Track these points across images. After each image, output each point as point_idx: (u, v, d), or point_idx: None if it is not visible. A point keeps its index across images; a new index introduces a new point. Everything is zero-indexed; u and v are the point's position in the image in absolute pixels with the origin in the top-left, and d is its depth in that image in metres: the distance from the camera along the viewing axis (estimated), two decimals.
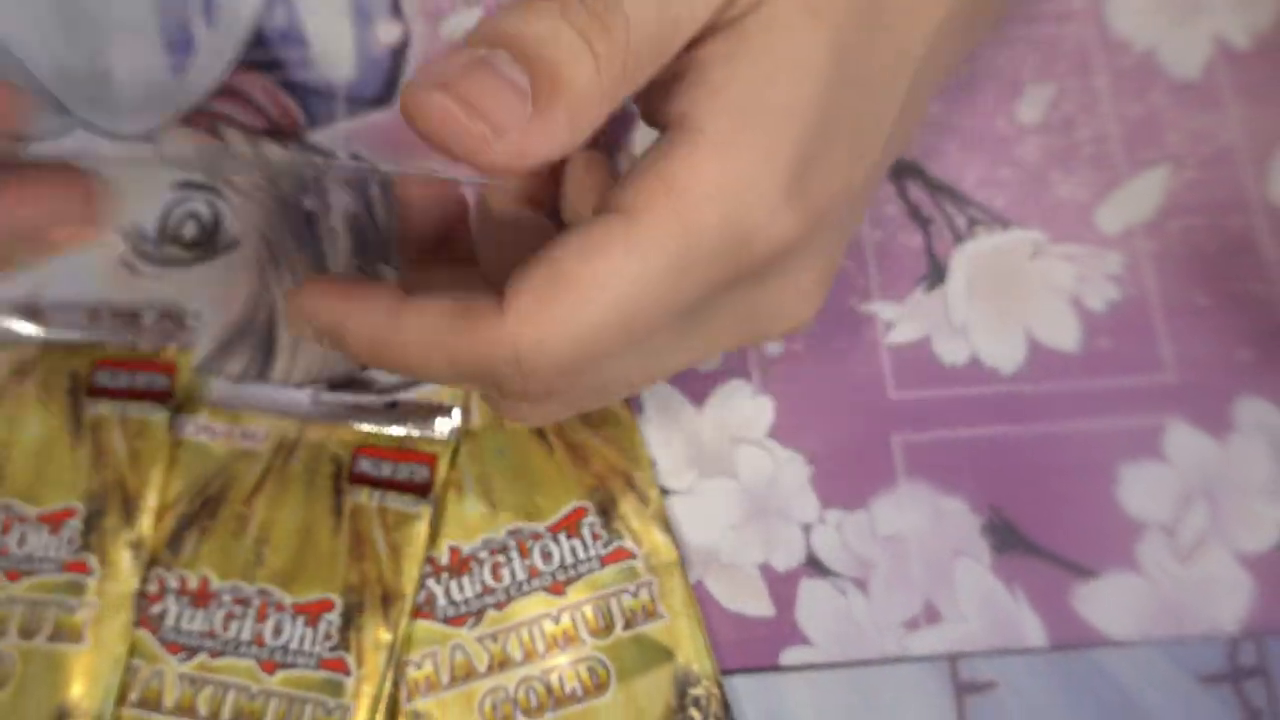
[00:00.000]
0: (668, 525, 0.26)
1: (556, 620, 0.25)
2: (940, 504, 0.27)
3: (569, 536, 0.26)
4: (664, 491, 0.27)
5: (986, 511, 0.27)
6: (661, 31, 0.19)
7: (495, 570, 0.26)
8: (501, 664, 0.25)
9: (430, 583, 0.26)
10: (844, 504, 0.27)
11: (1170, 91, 0.30)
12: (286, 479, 0.27)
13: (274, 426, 0.27)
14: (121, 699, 0.25)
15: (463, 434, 0.27)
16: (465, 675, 0.25)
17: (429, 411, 0.27)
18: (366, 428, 0.27)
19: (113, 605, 0.25)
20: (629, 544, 0.26)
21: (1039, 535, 0.27)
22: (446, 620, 0.25)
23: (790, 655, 0.26)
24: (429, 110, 0.18)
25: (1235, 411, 0.28)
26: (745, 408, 0.28)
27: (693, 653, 0.25)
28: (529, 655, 0.25)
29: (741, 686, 0.26)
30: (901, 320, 0.29)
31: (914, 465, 0.27)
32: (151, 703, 0.25)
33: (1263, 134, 0.30)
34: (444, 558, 0.26)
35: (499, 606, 0.25)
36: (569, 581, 0.26)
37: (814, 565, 0.27)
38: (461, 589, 0.26)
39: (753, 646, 0.26)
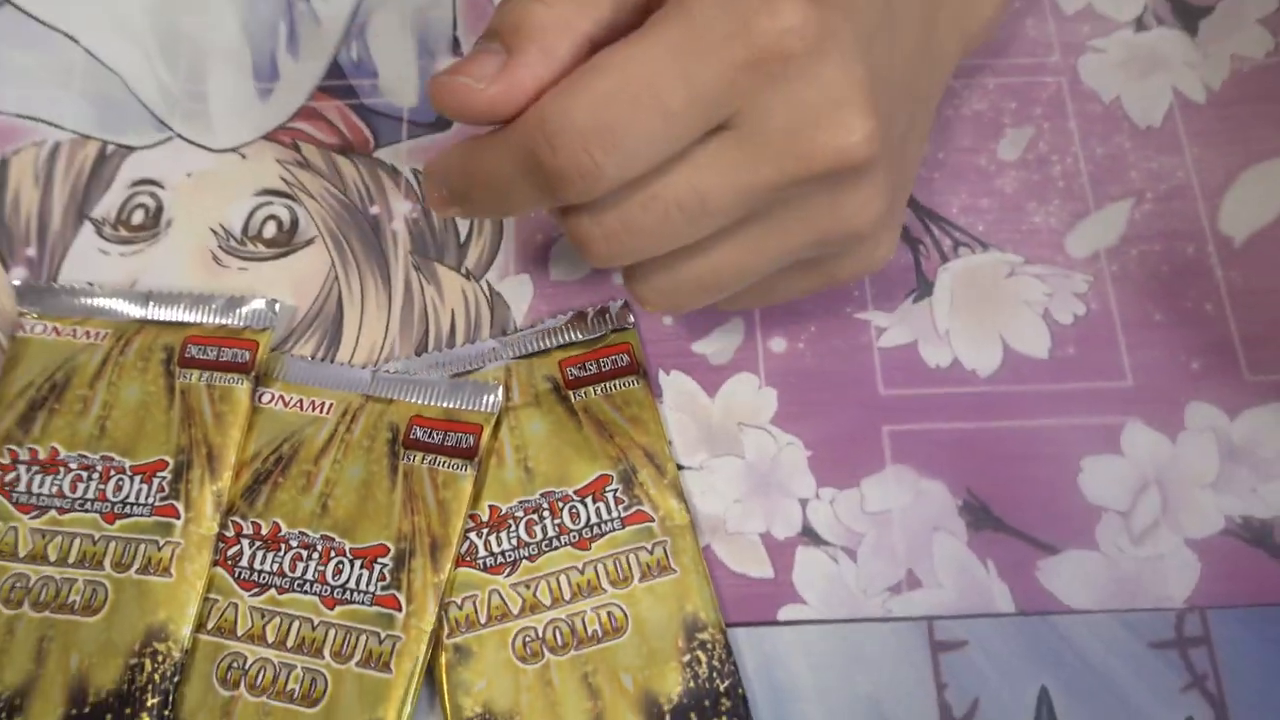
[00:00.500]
0: (681, 494, 0.30)
1: (581, 571, 0.29)
2: (922, 486, 0.31)
3: (594, 500, 0.30)
4: (679, 467, 0.30)
5: (963, 493, 0.30)
6: None
7: (529, 527, 0.29)
8: (532, 608, 0.28)
9: (472, 536, 0.29)
10: (837, 483, 0.31)
11: (1133, 136, 0.35)
12: (349, 443, 0.31)
13: (339, 399, 0.31)
14: (199, 626, 0.29)
15: (504, 409, 0.31)
16: (501, 616, 0.28)
17: (476, 389, 0.31)
18: (419, 401, 0.31)
19: (195, 545, 0.29)
20: (647, 509, 0.29)
21: (1009, 515, 0.30)
22: (486, 569, 0.29)
23: (786, 612, 0.29)
24: (436, 87, 0.23)
25: (1186, 414, 0.31)
26: (752, 397, 0.32)
27: (700, 603, 0.28)
28: (556, 600, 0.28)
29: (743, 637, 0.29)
30: (892, 327, 0.32)
31: (900, 452, 0.31)
32: (226, 630, 0.29)
33: (1214, 174, 0.34)
34: (485, 515, 0.30)
35: (531, 558, 0.29)
36: (593, 539, 0.29)
37: (809, 535, 0.30)
38: (499, 542, 0.29)
39: (753, 603, 0.29)
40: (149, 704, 0.27)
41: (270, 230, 0.34)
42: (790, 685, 0.28)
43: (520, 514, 0.30)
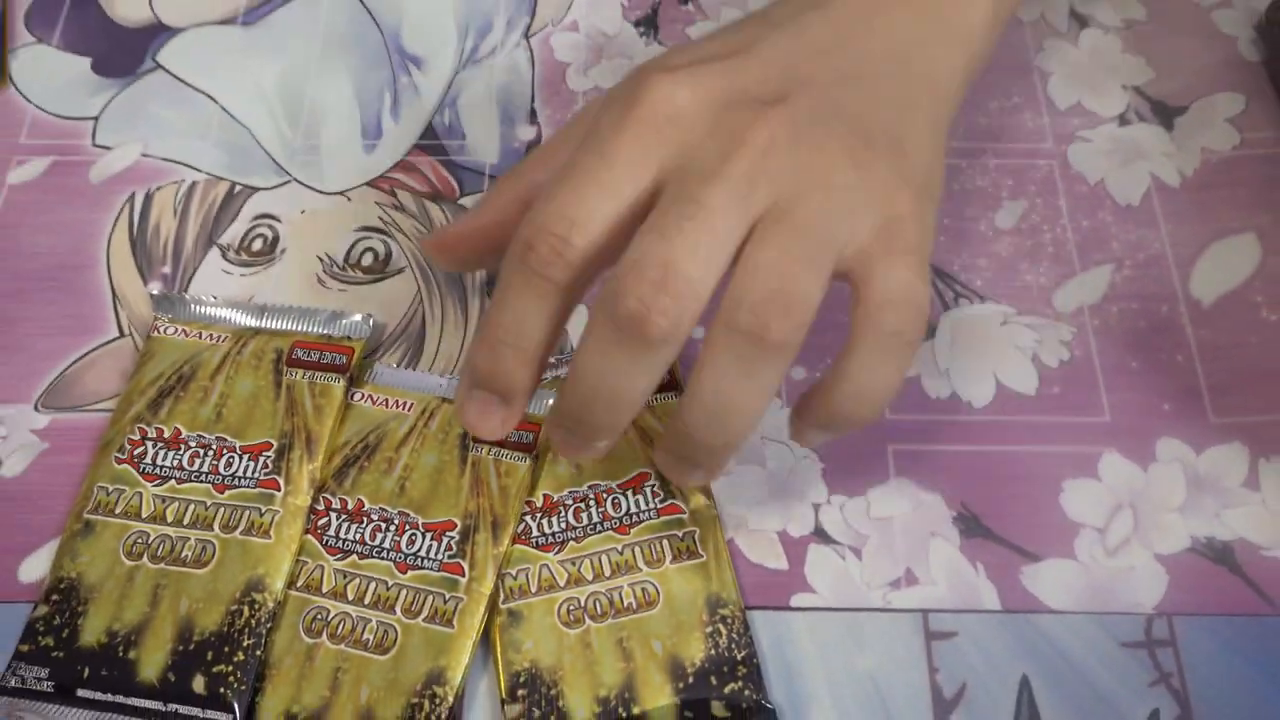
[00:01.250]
0: (710, 492, 0.34)
1: (620, 552, 0.33)
2: (921, 497, 0.35)
3: (634, 493, 0.34)
4: None
5: (958, 506, 0.35)
6: None
7: (576, 513, 0.34)
8: (576, 581, 0.33)
9: (528, 518, 0.34)
10: (846, 491, 0.35)
11: (1115, 212, 0.40)
12: (427, 436, 0.35)
13: (419, 399, 0.36)
14: (290, 583, 0.33)
15: None
16: (549, 587, 0.33)
17: (539, 395, 0.36)
18: None
19: (291, 514, 0.34)
20: (679, 502, 0.34)
21: (997, 526, 0.34)
22: (538, 546, 0.33)
23: (798, 600, 0.33)
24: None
25: (1157, 448, 0.35)
26: (775, 416, 0.36)
27: (721, 584, 0.33)
28: (597, 576, 0.33)
29: (759, 619, 0.33)
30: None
31: (903, 468, 0.35)
32: (313, 588, 0.33)
33: (1185, 247, 0.39)
34: (539, 501, 0.34)
35: (577, 539, 0.34)
36: (631, 525, 0.34)
37: (820, 534, 0.34)
38: (550, 525, 0.34)
39: (769, 591, 0.33)
40: (244, 644, 0.32)
41: (368, 260, 0.39)
42: (799, 663, 0.32)
43: (570, 502, 0.34)
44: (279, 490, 0.34)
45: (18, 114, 0.43)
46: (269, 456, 0.35)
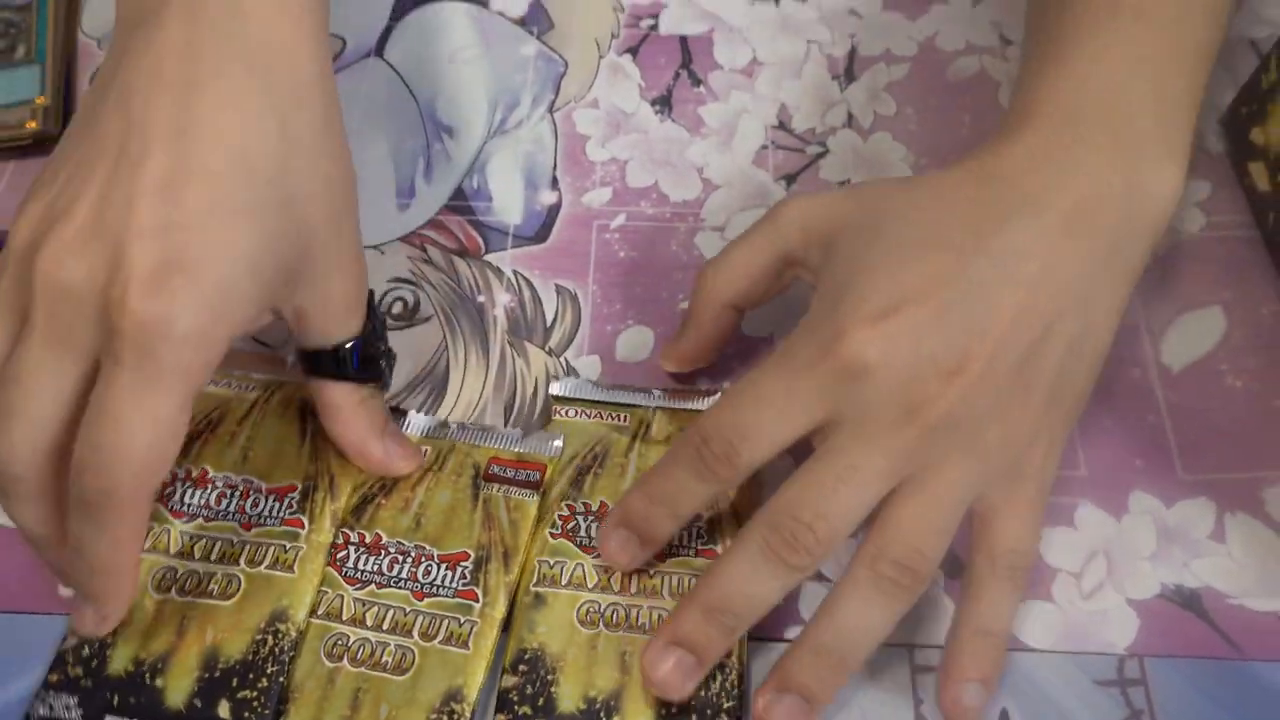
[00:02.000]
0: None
1: (651, 576, 0.35)
2: None
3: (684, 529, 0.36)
4: None
5: None
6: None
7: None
8: (603, 588, 0.35)
9: (580, 518, 0.36)
10: None
11: None
12: (440, 477, 0.38)
13: (433, 444, 0.39)
14: (312, 612, 0.35)
15: (643, 441, 0.38)
16: (577, 585, 0.35)
17: (543, 438, 0.38)
18: (498, 446, 0.38)
19: (314, 550, 0.36)
20: (718, 549, 0.36)
21: None
22: (581, 546, 0.36)
23: (792, 632, 0.35)
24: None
25: (1129, 500, 0.38)
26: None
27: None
28: (623, 590, 0.35)
29: (756, 650, 0.35)
30: None
31: None
32: (334, 615, 0.35)
33: (1157, 317, 0.42)
34: (595, 506, 0.37)
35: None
36: (669, 555, 0.36)
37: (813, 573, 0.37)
38: (598, 532, 0.35)
39: (766, 623, 0.35)
40: (269, 671, 0.34)
41: (398, 308, 0.42)
42: None
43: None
44: (303, 528, 0.36)
45: None
46: (293, 498, 0.37)
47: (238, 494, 0.37)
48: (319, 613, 0.35)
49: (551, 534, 0.36)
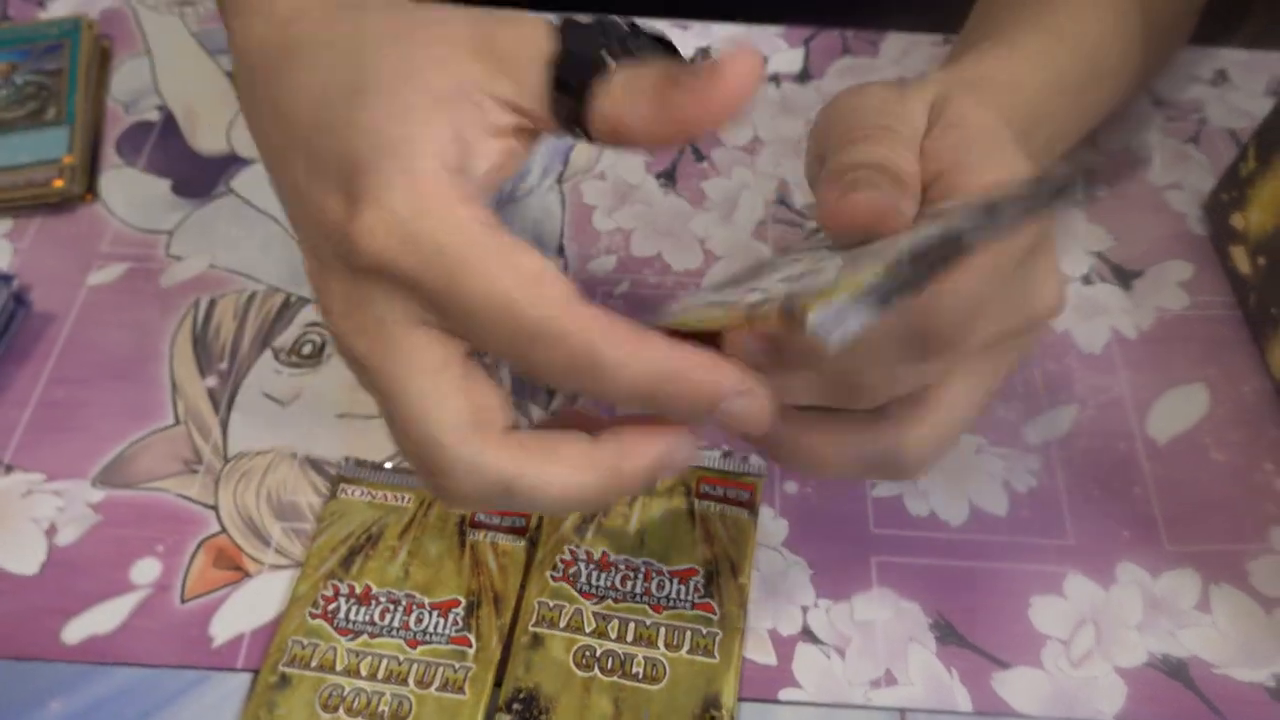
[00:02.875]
0: (744, 604, 0.37)
1: (647, 626, 0.36)
2: (901, 605, 0.38)
3: (679, 582, 0.37)
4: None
5: (934, 614, 0.38)
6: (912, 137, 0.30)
7: (624, 579, 0.37)
8: (600, 634, 0.36)
9: (582, 564, 0.37)
10: (832, 596, 0.38)
11: (1079, 359, 0.44)
12: (426, 525, 0.39)
13: (415, 493, 0.39)
14: (305, 665, 0.36)
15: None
16: (575, 628, 0.36)
17: None
18: None
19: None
20: (714, 604, 0.37)
21: (971, 635, 0.37)
22: (581, 592, 0.36)
23: (786, 694, 0.36)
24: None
25: (1117, 570, 0.39)
26: (769, 524, 0.40)
27: (723, 688, 0.35)
28: (619, 637, 0.36)
29: (749, 710, 0.35)
30: (883, 482, 0.41)
31: (884, 577, 0.38)
32: (327, 667, 0.36)
33: (1142, 392, 0.43)
34: (597, 555, 0.37)
35: (616, 600, 0.36)
36: (666, 607, 0.36)
37: (808, 634, 0.37)
38: (599, 579, 0.37)
39: (760, 684, 0.36)
40: None
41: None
42: None
43: (622, 566, 0.37)
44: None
45: (102, 225, 0.48)
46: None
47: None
48: (312, 665, 0.36)
49: (552, 577, 0.37)
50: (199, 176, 0.50)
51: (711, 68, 0.27)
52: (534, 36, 0.28)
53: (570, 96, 0.28)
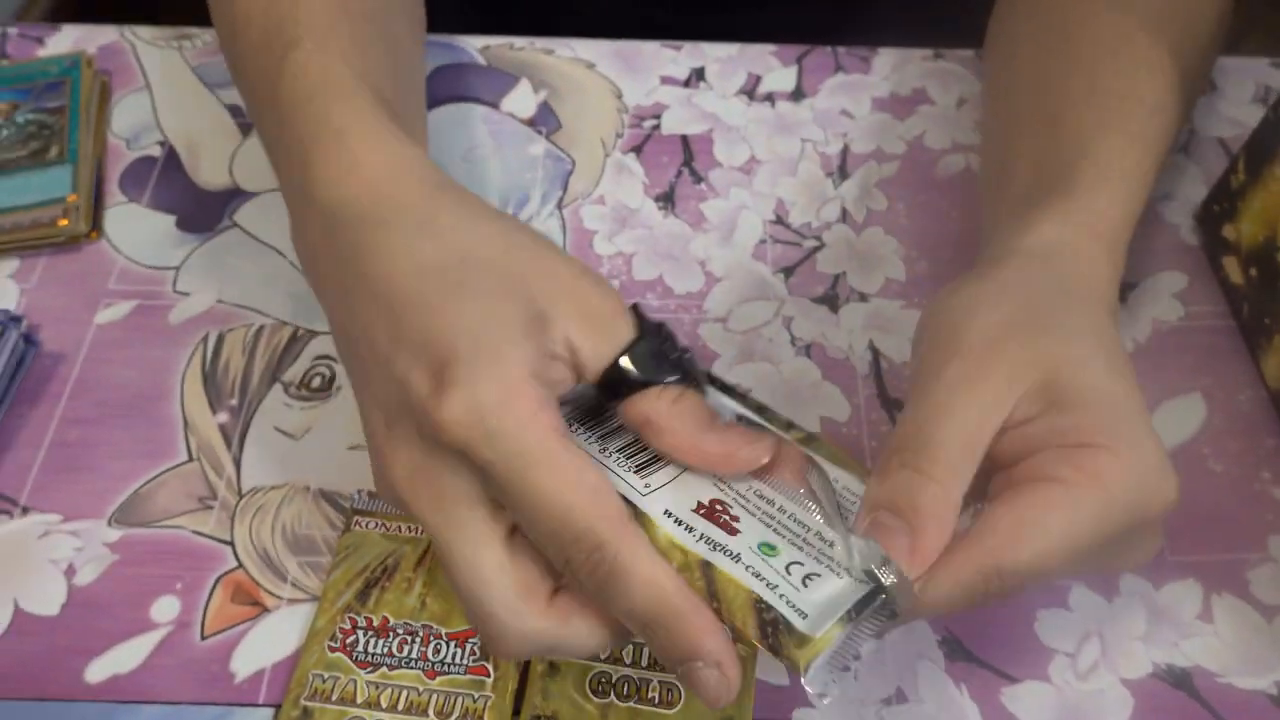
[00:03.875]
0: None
1: None
2: (910, 624, 0.38)
3: None
4: None
5: (942, 631, 0.38)
6: (967, 443, 0.30)
7: None
8: (615, 660, 0.36)
9: None
10: None
11: None
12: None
13: None
14: (326, 698, 0.36)
15: None
16: (591, 656, 0.36)
17: None
18: None
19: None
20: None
21: (979, 651, 0.38)
22: None
23: (798, 714, 0.36)
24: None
25: (1120, 582, 0.39)
26: None
27: (739, 711, 0.35)
28: (634, 663, 0.36)
29: None
30: None
31: None
32: (348, 700, 0.36)
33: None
34: None
35: None
36: None
37: None
38: None
39: (773, 705, 0.37)
40: None
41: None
42: None
43: None
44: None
45: (108, 263, 0.48)
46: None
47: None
48: (333, 699, 0.36)
49: None
50: (202, 211, 0.50)
51: (739, 436, 0.32)
52: (619, 315, 0.32)
53: (623, 381, 0.32)
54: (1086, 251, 0.37)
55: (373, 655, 0.37)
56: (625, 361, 0.32)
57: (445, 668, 0.37)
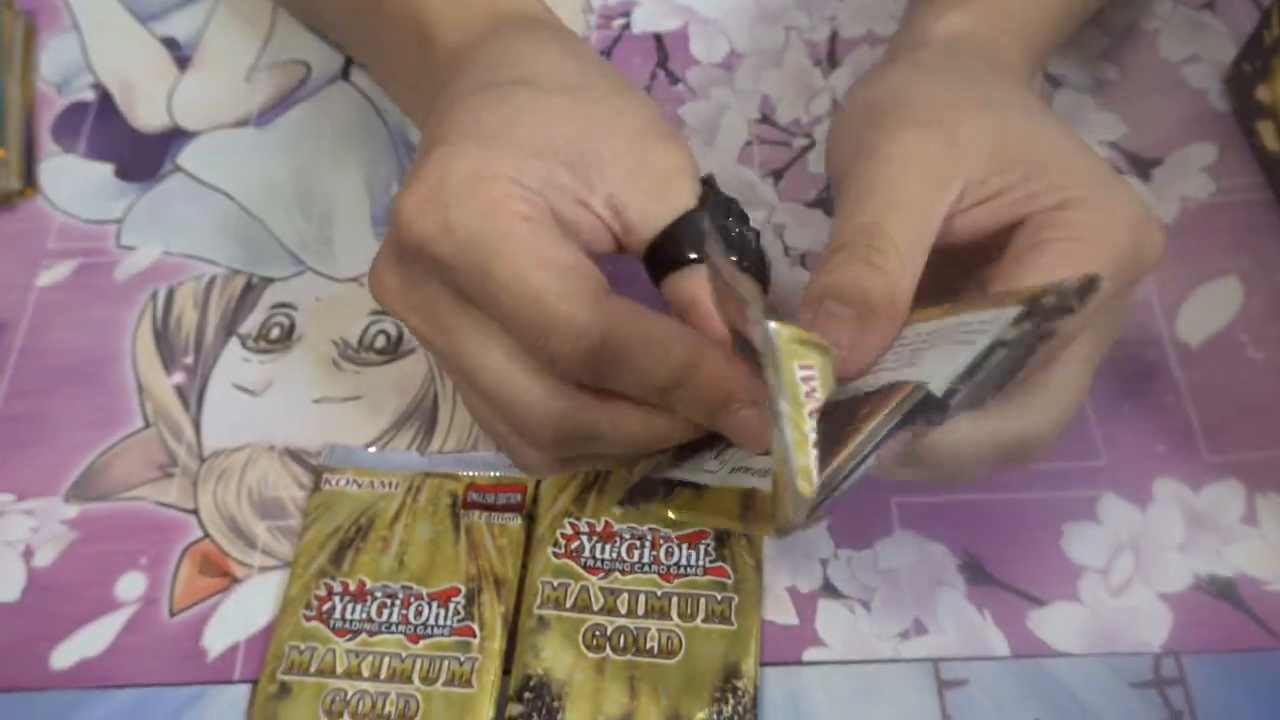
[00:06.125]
0: (760, 567, 0.35)
1: (658, 597, 0.34)
2: (926, 547, 0.36)
3: (689, 547, 0.35)
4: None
5: (961, 554, 0.35)
6: (919, 224, 0.28)
7: (630, 548, 0.35)
8: (609, 610, 0.34)
9: (584, 538, 0.35)
10: (853, 545, 0.36)
11: None
12: (416, 511, 0.36)
13: (402, 477, 0.37)
14: (305, 670, 0.34)
15: None
16: (582, 607, 0.34)
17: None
18: (473, 473, 0.37)
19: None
20: (727, 567, 0.34)
21: (1002, 573, 0.35)
22: (585, 567, 0.34)
23: (810, 654, 0.34)
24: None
25: (1154, 488, 0.36)
26: None
27: (743, 656, 0.33)
28: (630, 612, 0.34)
29: (771, 675, 0.34)
30: None
31: (906, 519, 0.36)
32: (327, 671, 0.34)
33: (1170, 292, 0.40)
34: (600, 527, 0.35)
35: (623, 572, 0.34)
36: (677, 575, 0.34)
37: (829, 589, 0.35)
38: (603, 551, 0.35)
39: (782, 646, 0.34)
40: None
41: (380, 342, 0.41)
42: (813, 717, 0.33)
43: (627, 536, 0.35)
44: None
45: (45, 221, 0.45)
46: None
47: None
48: (311, 671, 0.34)
49: (554, 554, 0.35)
50: (143, 157, 0.46)
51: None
52: (681, 175, 0.30)
53: (669, 254, 0.29)
54: (998, 40, 0.34)
55: (351, 622, 0.35)
56: (675, 229, 0.29)
57: (428, 630, 0.34)
